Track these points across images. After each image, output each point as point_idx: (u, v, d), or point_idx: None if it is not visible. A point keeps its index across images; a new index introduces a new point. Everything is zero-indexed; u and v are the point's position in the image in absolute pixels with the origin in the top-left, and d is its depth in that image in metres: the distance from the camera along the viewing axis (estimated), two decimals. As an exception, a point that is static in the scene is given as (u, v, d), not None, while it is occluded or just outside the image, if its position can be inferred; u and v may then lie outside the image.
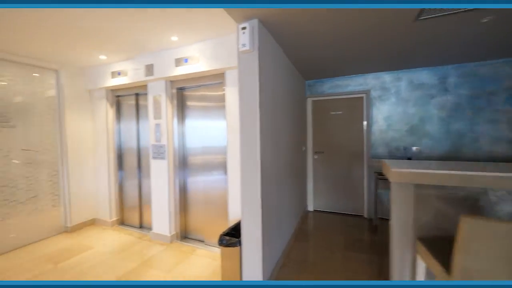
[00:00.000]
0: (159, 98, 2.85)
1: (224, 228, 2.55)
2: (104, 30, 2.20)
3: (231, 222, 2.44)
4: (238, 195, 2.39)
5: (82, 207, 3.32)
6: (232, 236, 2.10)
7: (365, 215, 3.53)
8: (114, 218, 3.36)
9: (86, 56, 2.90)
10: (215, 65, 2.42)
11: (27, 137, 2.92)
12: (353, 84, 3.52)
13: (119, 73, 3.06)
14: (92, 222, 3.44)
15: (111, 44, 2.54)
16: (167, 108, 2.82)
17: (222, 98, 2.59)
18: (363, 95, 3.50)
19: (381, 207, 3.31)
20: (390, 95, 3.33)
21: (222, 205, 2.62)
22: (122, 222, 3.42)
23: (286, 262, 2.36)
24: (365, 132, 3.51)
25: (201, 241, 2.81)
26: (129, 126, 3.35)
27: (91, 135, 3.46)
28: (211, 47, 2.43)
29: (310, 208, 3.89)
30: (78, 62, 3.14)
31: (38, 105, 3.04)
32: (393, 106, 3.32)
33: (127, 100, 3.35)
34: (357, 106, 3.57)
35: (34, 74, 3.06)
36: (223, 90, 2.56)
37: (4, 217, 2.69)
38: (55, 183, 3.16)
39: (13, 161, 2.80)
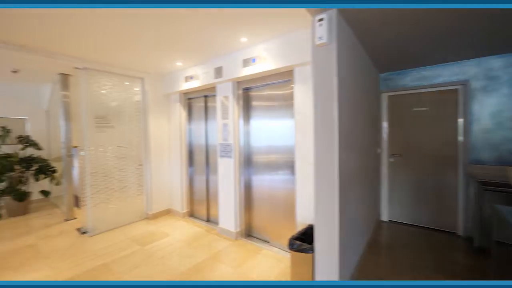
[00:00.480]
0: (226, 99, 2.97)
1: (290, 230, 2.47)
2: (181, 39, 2.41)
3: (299, 225, 2.34)
4: (307, 198, 2.27)
5: (160, 197, 3.77)
6: (301, 240, 2.01)
7: (460, 233, 2.91)
8: (185, 210, 3.71)
9: (165, 64, 3.26)
10: (283, 62, 2.36)
11: (121, 136, 3.48)
12: (446, 74, 2.94)
13: (191, 77, 3.34)
14: (168, 212, 3.87)
15: (187, 51, 2.78)
16: (234, 108, 2.91)
17: (289, 97, 2.52)
18: (459, 87, 2.88)
19: (498, 227, 2.66)
20: (499, 85, 2.65)
21: (288, 207, 2.56)
22: (191, 214, 3.74)
23: (361, 278, 2.13)
24: (460, 132, 2.90)
25: (266, 241, 2.81)
26: (198, 126, 3.63)
27: (167, 135, 3.89)
28: (278, 45, 2.38)
29: (384, 217, 3.46)
30: (159, 70, 3.57)
31: (128, 109, 3.58)
32: (505, 98, 2.62)
33: (197, 102, 3.63)
34: (449, 100, 2.97)
35: (125, 83, 3.61)
36: (291, 88, 2.48)
37: (104, 201, 3.27)
38: (140, 175, 3.67)
39: (107, 155, 3.39)
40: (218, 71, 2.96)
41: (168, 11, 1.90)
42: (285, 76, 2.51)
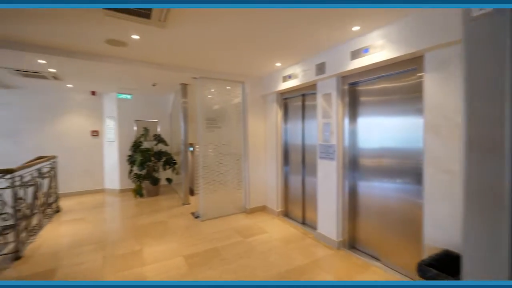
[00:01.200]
0: (329, 96, 2.79)
1: (412, 252, 2.06)
2: (285, 40, 2.42)
3: (427, 249, 1.91)
4: (442, 216, 1.81)
5: (256, 194, 4.01)
6: (433, 267, 1.61)
7: None
8: (280, 209, 3.78)
9: (265, 66, 3.40)
10: (407, 48, 1.97)
11: (224, 135, 3.90)
12: None
13: (289, 77, 3.34)
14: (263, 209, 4.07)
15: (288, 51, 2.78)
16: (337, 106, 2.70)
17: (414, 89, 2.09)
18: None
19: None
20: None
21: (409, 223, 2.13)
22: (286, 214, 3.78)
23: None
24: None
25: (374, 257, 2.46)
26: (294, 125, 3.62)
27: (263, 134, 4.09)
28: (401, 27, 2.00)
29: None
30: (258, 73, 3.78)
31: (230, 111, 3.98)
32: None
33: (294, 101, 3.62)
34: None
35: (227, 87, 4.02)
36: (418, 78, 2.04)
37: (212, 192, 3.76)
38: (240, 172, 4.01)
39: (208, 151, 3.85)
40: (320, 68, 2.82)
41: (275, 13, 1.92)
42: (407, 65, 2.10)
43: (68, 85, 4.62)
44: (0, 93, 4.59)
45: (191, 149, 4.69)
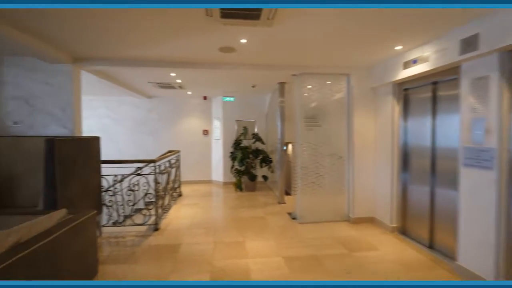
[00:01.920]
0: (484, 81, 2.03)
1: None
2: (405, 16, 1.89)
3: None
4: None
5: (362, 202, 3.51)
6: None
7: None
8: (394, 224, 3.14)
9: (378, 51, 2.88)
10: None
11: (325, 134, 3.62)
12: None
13: (414, 62, 2.69)
14: (371, 221, 3.52)
15: (411, 28, 2.21)
16: (500, 94, 1.91)
17: None
18: None
19: None
20: None
21: None
22: (403, 231, 3.10)
23: None
24: None
25: None
26: (419, 122, 2.91)
27: (372, 132, 3.53)
28: None
29: None
30: (367, 62, 3.28)
31: (331, 107, 3.66)
32: None
33: (419, 93, 2.91)
34: None
35: (327, 82, 3.71)
36: None
37: (310, 194, 3.57)
38: (341, 174, 3.63)
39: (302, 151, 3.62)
40: (470, 42, 2.09)
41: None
42: None
43: (188, 92, 5.60)
44: (146, 101, 6.12)
45: (284, 148, 4.66)
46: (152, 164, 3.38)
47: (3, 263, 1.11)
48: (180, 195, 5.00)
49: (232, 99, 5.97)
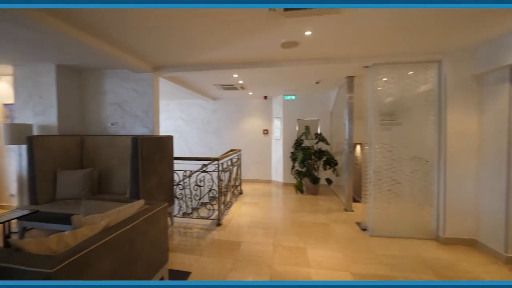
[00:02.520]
0: None
1: None
2: None
3: None
4: None
5: (457, 218, 2.81)
6: None
7: None
8: (510, 254, 2.37)
9: (490, 27, 2.21)
10: None
11: (406, 134, 3.05)
12: None
13: (551, 33, 1.95)
14: (470, 243, 2.78)
15: None
16: None
17: None
18: None
19: None
20: None
21: None
22: (526, 265, 2.31)
23: None
24: None
25: None
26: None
27: (474, 132, 2.78)
28: None
29: None
30: (469, 42, 2.58)
31: (412, 102, 3.07)
32: None
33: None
34: None
35: (409, 72, 3.11)
36: None
37: (385, 203, 3.07)
38: (428, 183, 3.00)
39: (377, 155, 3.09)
40: None
41: None
42: None
43: (249, 93, 5.72)
44: (212, 103, 6.57)
45: (349, 149, 4.18)
46: (215, 162, 3.54)
47: (97, 243, 1.28)
48: (240, 193, 5.14)
49: (293, 97, 5.80)
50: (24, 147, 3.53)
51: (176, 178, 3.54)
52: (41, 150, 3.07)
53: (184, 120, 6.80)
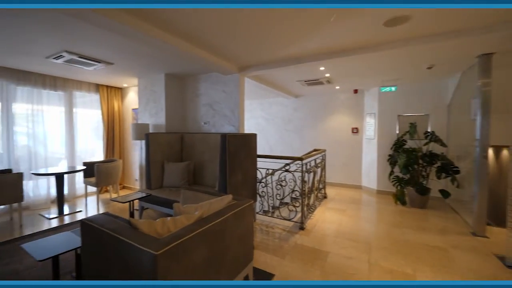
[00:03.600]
0: None
1: None
2: None
3: None
4: None
5: None
6: None
7: None
8: None
9: None
10: None
11: None
12: None
13: None
14: None
15: None
16: None
17: None
18: None
19: None
20: None
21: None
22: None
23: None
24: None
25: None
26: None
27: None
28: None
29: None
30: None
31: None
32: None
33: None
34: None
35: None
36: None
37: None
38: None
39: None
40: None
41: None
42: None
43: (336, 87, 5.24)
44: (293, 100, 6.43)
45: (481, 153, 3.09)
46: (298, 162, 3.37)
47: (193, 232, 1.34)
48: (325, 197, 4.77)
49: (392, 89, 4.92)
50: (143, 142, 4.42)
51: (258, 175, 3.59)
52: (154, 144, 3.73)
53: (265, 119, 6.96)
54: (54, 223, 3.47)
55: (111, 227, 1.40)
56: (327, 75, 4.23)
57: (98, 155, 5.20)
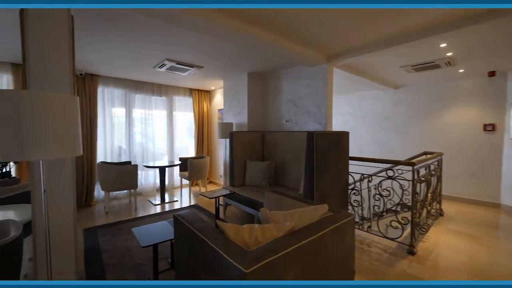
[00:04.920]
0: None
1: None
2: None
3: None
4: None
5: None
6: None
7: None
8: None
9: None
10: None
11: None
12: None
13: None
14: None
15: None
16: None
17: None
18: None
19: None
20: None
21: None
22: None
23: None
24: None
25: None
26: None
27: None
28: None
29: None
30: None
31: None
32: None
33: None
34: None
35: None
36: None
37: None
38: None
39: None
40: None
41: None
42: None
43: (460, 70, 4.01)
44: (391, 93, 5.39)
45: None
46: (407, 167, 2.67)
47: (288, 247, 1.10)
48: (440, 214, 3.71)
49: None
50: (227, 141, 4.62)
51: (350, 180, 3.07)
52: (237, 143, 3.80)
53: (354, 116, 6.16)
54: (158, 209, 4.03)
55: (198, 227, 1.34)
56: (449, 54, 3.24)
57: (190, 151, 5.85)
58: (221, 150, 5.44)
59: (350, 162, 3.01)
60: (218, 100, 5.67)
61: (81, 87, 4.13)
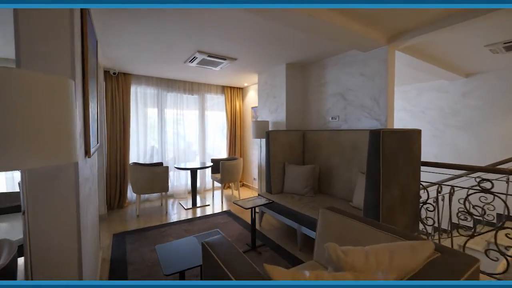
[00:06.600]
0: None
1: None
2: None
3: None
4: None
5: None
6: None
7: None
8: None
9: None
10: None
11: None
12: None
13: None
14: None
15: None
16: None
17: None
18: None
19: None
20: None
21: None
22: None
23: None
24: None
25: None
26: None
27: None
28: None
29: None
30: None
31: None
32: None
33: None
34: None
35: None
36: None
37: None
38: None
39: None
40: None
41: None
42: None
43: None
44: (460, 82, 4.45)
45: None
46: (501, 176, 1.96)
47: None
48: None
49: None
50: (262, 141, 4.20)
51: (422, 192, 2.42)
52: (274, 144, 3.35)
53: (409, 112, 5.28)
54: (189, 214, 3.78)
55: (234, 271, 0.91)
56: None
57: (222, 152, 5.56)
58: (255, 150, 5.05)
59: (422, 168, 2.37)
60: (251, 97, 5.29)
61: (114, 86, 4.07)
